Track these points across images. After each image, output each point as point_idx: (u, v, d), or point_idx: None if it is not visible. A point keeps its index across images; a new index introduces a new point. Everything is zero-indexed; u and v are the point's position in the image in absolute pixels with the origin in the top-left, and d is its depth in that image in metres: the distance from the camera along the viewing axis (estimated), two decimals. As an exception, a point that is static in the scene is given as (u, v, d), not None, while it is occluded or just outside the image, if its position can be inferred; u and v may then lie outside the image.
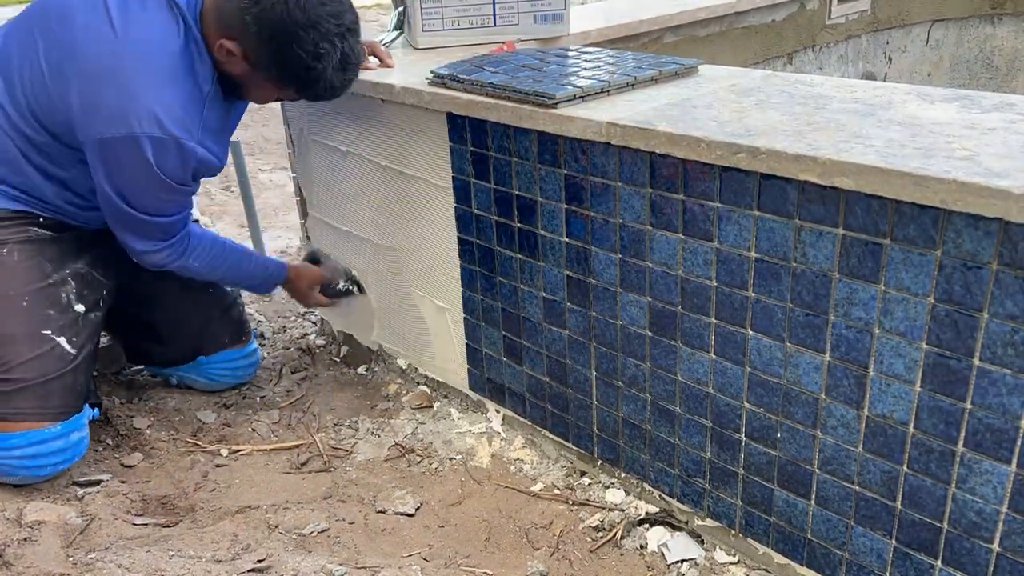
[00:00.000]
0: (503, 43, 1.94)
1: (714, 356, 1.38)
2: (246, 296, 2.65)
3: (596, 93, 1.50)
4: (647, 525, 1.60)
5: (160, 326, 2.01)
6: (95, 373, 2.12)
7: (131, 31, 1.50)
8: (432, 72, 1.70)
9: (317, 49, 1.49)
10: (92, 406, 1.83)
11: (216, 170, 1.67)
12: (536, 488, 1.73)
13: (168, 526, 1.62)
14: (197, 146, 1.56)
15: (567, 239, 1.54)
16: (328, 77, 1.54)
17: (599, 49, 1.83)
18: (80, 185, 1.68)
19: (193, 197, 1.74)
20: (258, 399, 2.11)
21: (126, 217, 1.64)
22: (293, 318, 2.54)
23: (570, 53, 1.79)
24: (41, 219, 1.70)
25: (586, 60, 1.71)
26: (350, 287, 2.14)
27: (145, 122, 1.49)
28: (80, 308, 1.73)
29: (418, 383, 2.09)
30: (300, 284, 2.05)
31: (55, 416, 1.67)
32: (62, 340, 1.69)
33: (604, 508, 1.64)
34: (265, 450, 1.90)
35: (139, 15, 1.52)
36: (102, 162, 1.57)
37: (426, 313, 1.97)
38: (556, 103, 1.45)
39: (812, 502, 1.33)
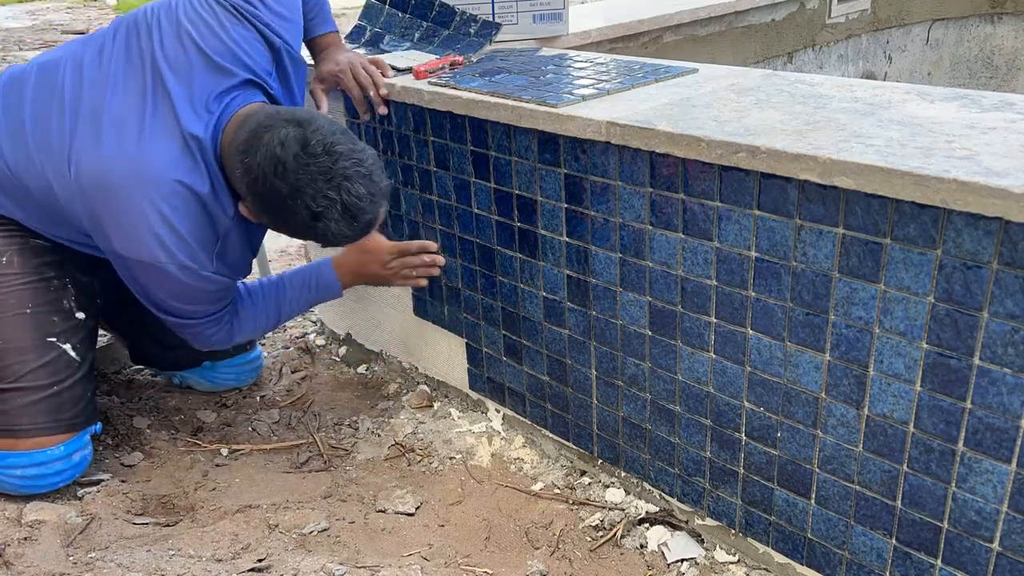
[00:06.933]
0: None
1: (714, 355, 1.38)
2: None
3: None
4: (647, 524, 1.60)
5: (166, 335, 2.00)
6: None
7: (152, 157, 1.48)
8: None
9: (312, 210, 1.41)
10: None
11: (239, 278, 1.67)
12: (536, 487, 1.73)
13: (168, 525, 1.62)
14: (212, 275, 1.56)
15: (567, 239, 1.54)
16: (334, 230, 1.44)
17: (590, 57, 1.83)
18: (78, 237, 1.65)
19: (224, 300, 1.69)
20: (258, 398, 2.11)
21: (155, 312, 1.65)
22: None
23: (564, 63, 1.79)
24: (39, 233, 1.69)
25: (579, 69, 1.71)
26: None
27: (158, 252, 1.49)
28: (81, 316, 1.71)
29: (418, 382, 2.09)
30: (369, 263, 1.84)
31: (68, 428, 1.65)
32: (67, 347, 1.67)
33: (604, 507, 1.64)
34: (265, 449, 1.90)
35: (166, 144, 1.49)
36: (122, 270, 1.57)
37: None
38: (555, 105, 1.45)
39: (812, 501, 1.33)
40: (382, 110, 1.78)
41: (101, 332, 2.12)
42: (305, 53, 1.83)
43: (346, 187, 1.41)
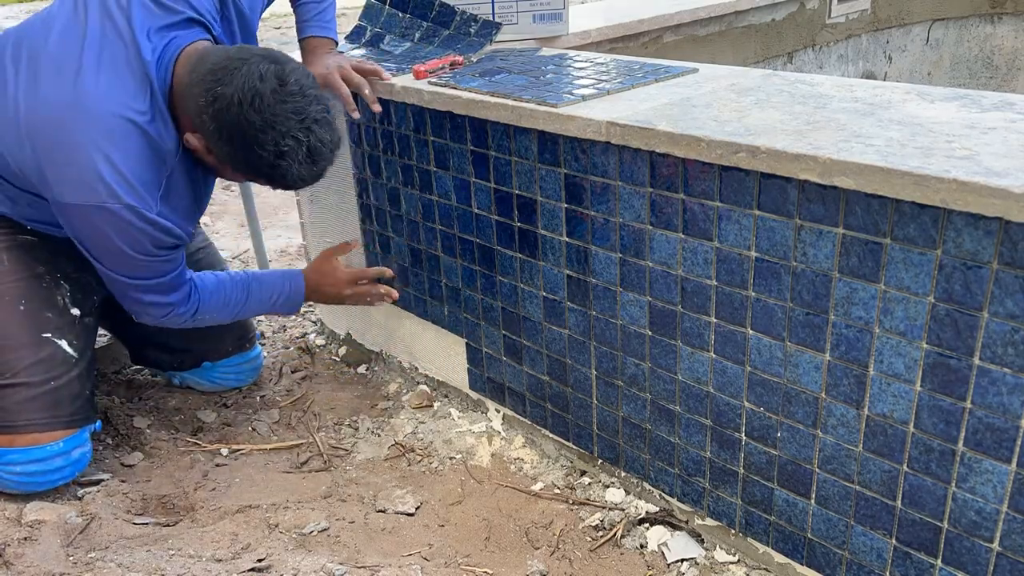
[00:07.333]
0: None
1: (714, 355, 1.38)
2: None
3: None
4: (647, 524, 1.60)
5: (167, 337, 2.00)
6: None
7: (92, 92, 1.43)
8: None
9: (279, 148, 1.41)
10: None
11: (183, 241, 1.59)
12: (536, 487, 1.73)
13: (168, 525, 1.62)
14: (157, 217, 1.50)
15: (567, 239, 1.54)
16: (295, 172, 1.45)
17: (590, 57, 1.83)
18: (50, 216, 1.59)
19: (179, 256, 1.64)
20: (258, 398, 2.11)
21: (109, 279, 1.60)
22: (293, 318, 2.54)
23: (564, 62, 1.79)
24: (28, 227, 1.68)
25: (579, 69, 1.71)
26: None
27: (101, 191, 1.44)
28: (76, 312, 1.71)
29: (418, 382, 2.09)
30: (327, 285, 1.92)
31: (67, 424, 1.65)
32: (63, 343, 1.67)
33: (604, 507, 1.64)
34: (265, 449, 1.90)
35: (108, 77, 1.44)
36: (66, 223, 1.53)
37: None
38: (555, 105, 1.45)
39: (812, 501, 1.33)
40: (376, 108, 1.78)
41: (101, 332, 2.13)
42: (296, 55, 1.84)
43: (315, 130, 1.43)
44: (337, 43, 1.84)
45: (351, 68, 1.76)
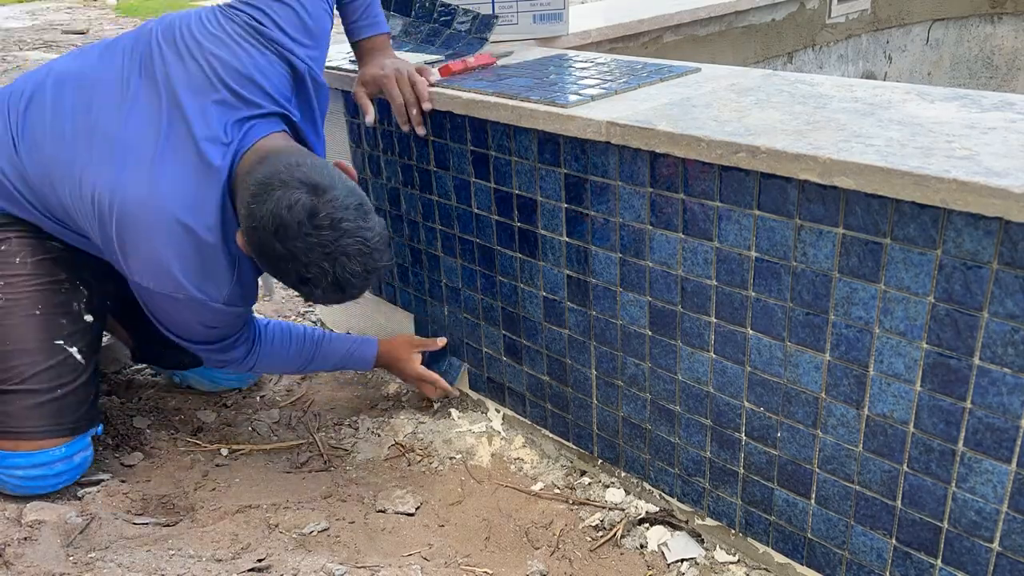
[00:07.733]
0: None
1: (714, 355, 1.38)
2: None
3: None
4: (647, 524, 1.60)
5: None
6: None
7: (163, 194, 1.46)
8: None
9: (303, 275, 1.39)
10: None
11: (248, 311, 1.69)
12: (536, 487, 1.73)
13: (168, 525, 1.62)
14: (224, 306, 1.56)
15: (567, 239, 1.54)
16: (319, 296, 1.44)
17: (591, 57, 1.83)
18: (95, 249, 1.62)
19: (241, 321, 1.69)
20: (258, 398, 2.11)
21: (171, 333, 1.65)
22: (293, 318, 2.54)
23: (565, 64, 1.79)
24: (54, 237, 1.67)
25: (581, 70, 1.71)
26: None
27: (171, 284, 1.50)
28: (89, 318, 1.71)
29: (418, 382, 2.10)
30: (395, 364, 1.94)
31: (70, 432, 1.65)
32: (73, 350, 1.67)
33: (604, 507, 1.64)
34: (265, 449, 1.90)
35: (177, 182, 1.47)
36: (137, 294, 1.57)
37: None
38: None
39: (812, 501, 1.33)
40: (421, 131, 1.72)
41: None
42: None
43: (342, 262, 1.38)
44: (389, 34, 1.78)
45: (408, 76, 1.69)
